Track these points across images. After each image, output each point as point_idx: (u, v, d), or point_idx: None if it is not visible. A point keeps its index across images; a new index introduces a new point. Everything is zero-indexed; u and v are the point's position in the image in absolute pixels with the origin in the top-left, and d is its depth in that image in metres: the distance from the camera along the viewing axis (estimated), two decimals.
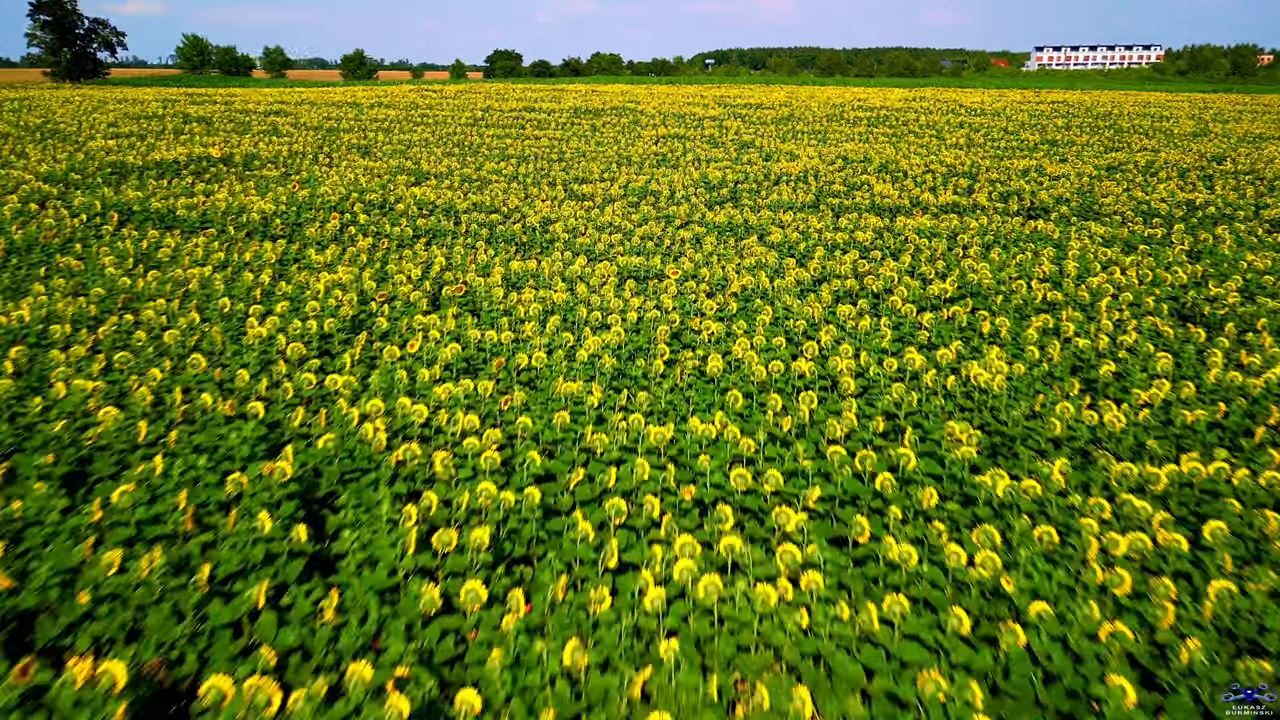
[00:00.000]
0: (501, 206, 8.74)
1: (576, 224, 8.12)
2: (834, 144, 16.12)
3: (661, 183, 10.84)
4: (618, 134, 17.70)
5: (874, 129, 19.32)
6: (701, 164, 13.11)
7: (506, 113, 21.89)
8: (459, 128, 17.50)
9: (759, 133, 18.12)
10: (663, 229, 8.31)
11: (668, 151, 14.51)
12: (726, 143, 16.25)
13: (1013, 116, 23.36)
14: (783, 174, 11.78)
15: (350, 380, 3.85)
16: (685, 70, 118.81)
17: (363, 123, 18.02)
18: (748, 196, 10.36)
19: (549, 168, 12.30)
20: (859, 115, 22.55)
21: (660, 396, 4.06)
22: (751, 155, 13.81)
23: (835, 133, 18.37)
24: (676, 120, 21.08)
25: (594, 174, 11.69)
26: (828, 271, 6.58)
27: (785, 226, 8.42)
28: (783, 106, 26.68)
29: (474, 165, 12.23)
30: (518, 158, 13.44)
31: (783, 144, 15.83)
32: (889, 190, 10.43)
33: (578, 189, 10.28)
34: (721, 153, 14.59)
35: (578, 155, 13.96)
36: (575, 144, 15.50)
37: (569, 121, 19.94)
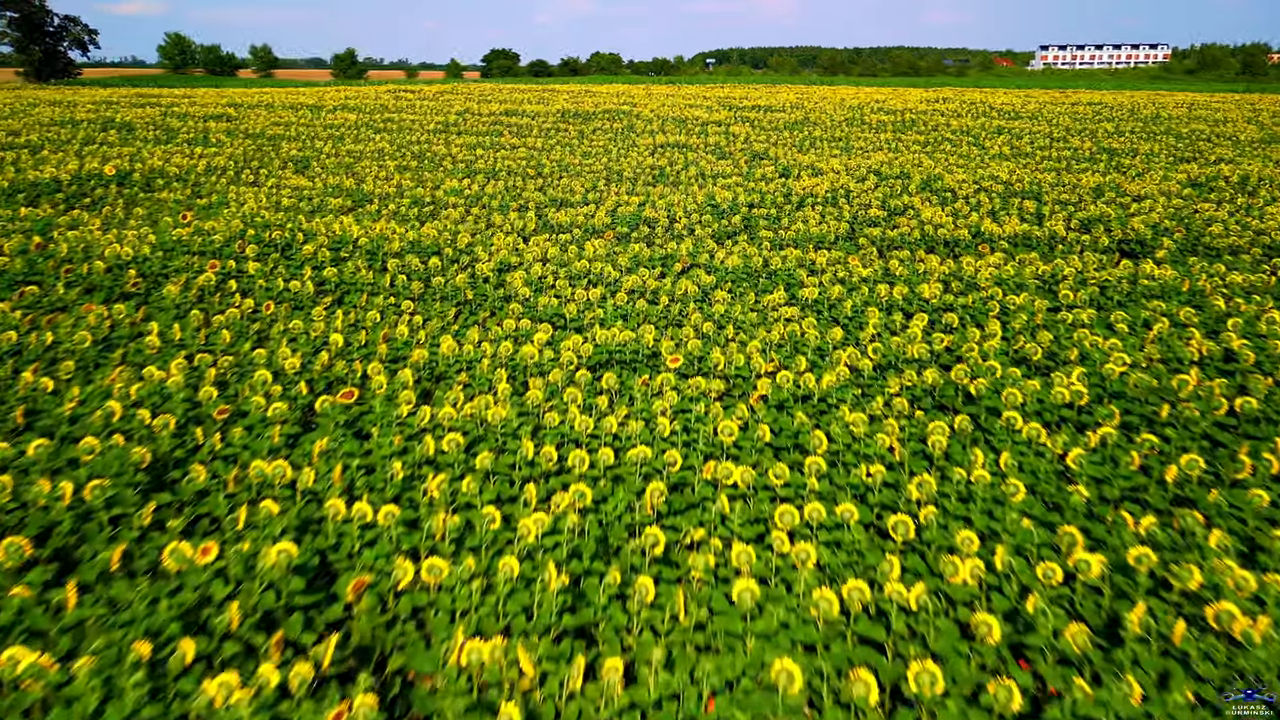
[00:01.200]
0: (448, 246, 6.93)
1: (544, 271, 6.32)
2: (860, 154, 14.35)
3: (658, 207, 9.05)
4: (609, 142, 15.96)
5: (901, 135, 17.58)
6: (707, 181, 11.35)
7: (484, 117, 20.13)
8: (425, 135, 15.73)
9: (771, 140, 16.37)
10: (659, 275, 6.51)
11: (666, 164, 12.75)
12: (735, 153, 14.49)
13: (1052, 119, 21.64)
14: (806, 194, 10.00)
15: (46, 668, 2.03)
16: (686, 70, 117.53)
17: (315, 129, 16.24)
18: (766, 225, 8.57)
19: (522, 186, 10.53)
20: (881, 119, 20.82)
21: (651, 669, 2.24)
22: (766, 169, 12.04)
23: (859, 140, 16.63)
24: (677, 125, 19.34)
25: (576, 195, 9.91)
26: (893, 353, 4.77)
27: (819, 272, 6.63)
28: (794, 109, 24.97)
29: (431, 184, 10.45)
30: (486, 173, 11.66)
31: (801, 154, 14.06)
32: (939, 216, 8.65)
33: (553, 216, 8.48)
34: (730, 165, 12.82)
35: (559, 170, 12.20)
36: (558, 155, 13.74)
37: (554, 127, 18.20)
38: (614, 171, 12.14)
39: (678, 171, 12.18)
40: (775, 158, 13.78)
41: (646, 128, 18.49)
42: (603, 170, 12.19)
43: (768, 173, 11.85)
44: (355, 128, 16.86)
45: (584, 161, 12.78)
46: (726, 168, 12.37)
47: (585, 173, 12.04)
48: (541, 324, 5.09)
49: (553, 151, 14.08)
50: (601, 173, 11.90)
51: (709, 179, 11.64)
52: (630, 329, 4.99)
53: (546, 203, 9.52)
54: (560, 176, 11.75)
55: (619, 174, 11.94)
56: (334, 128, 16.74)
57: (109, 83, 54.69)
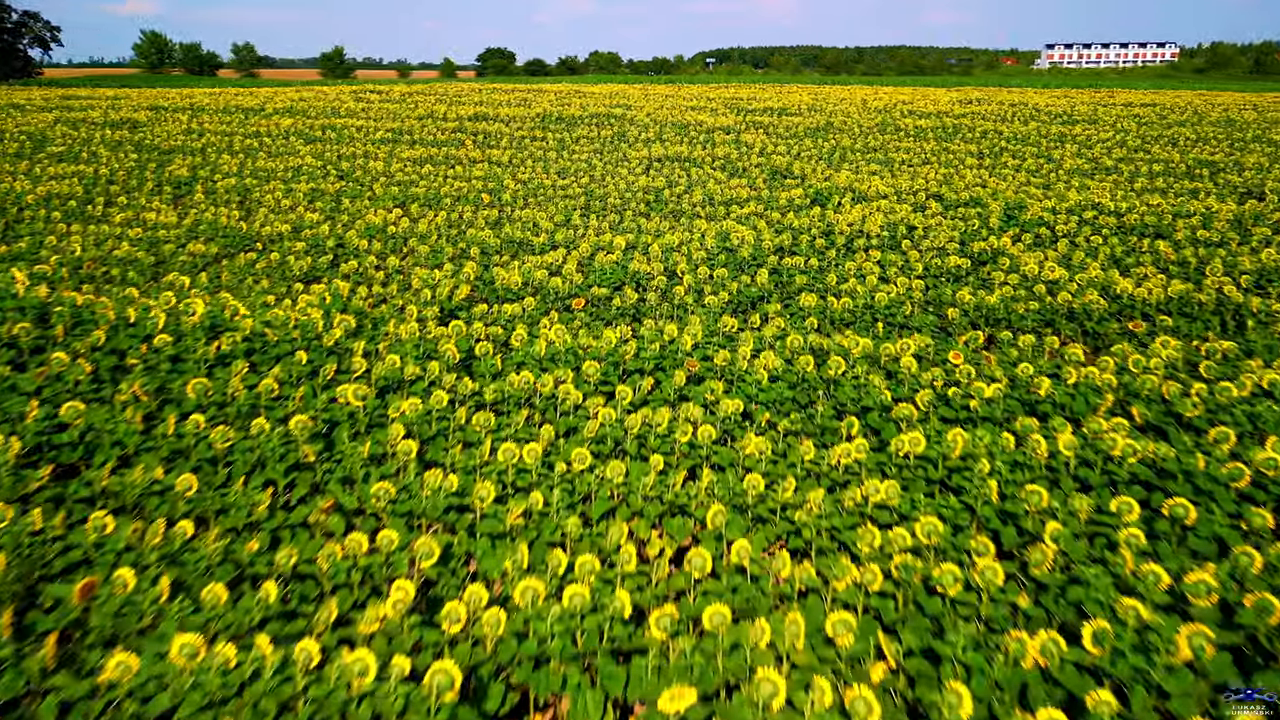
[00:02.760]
0: (310, 339, 4.52)
1: (457, 393, 3.93)
2: (906, 170, 12.01)
3: (652, 253, 6.69)
4: (594, 155, 13.62)
5: (947, 144, 15.25)
6: (717, 209, 9.00)
7: (450, 122, 17.80)
8: (368, 147, 13.39)
9: (793, 151, 14.04)
10: (650, 391, 4.14)
11: (665, 185, 10.40)
12: (750, 169, 12.15)
13: (1114, 124, 19.34)
14: (854, 232, 7.64)
15: None
16: (686, 69, 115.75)
17: (233, 139, 13.89)
18: (806, 283, 6.20)
19: (470, 220, 8.17)
20: (918, 125, 18.51)
21: None
22: (793, 192, 9.69)
23: (898, 150, 14.30)
24: (678, 132, 17.02)
25: (540, 234, 7.55)
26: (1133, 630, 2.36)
27: (903, 379, 4.24)
28: (812, 111, 22.68)
29: (346, 218, 8.09)
30: (426, 201, 9.31)
31: (834, 172, 11.71)
32: (1047, 265, 6.31)
33: (501, 276, 6.09)
34: (745, 187, 10.47)
35: (525, 194, 9.86)
36: (528, 172, 11.39)
37: (530, 135, 15.87)
38: (596, 196, 9.78)
39: (678, 196, 9.83)
40: (802, 175, 11.44)
41: (641, 135, 16.17)
42: (581, 194, 9.84)
43: (795, 198, 9.50)
44: (285, 136, 14.50)
45: (559, 182, 10.44)
46: (741, 190, 10.02)
47: (558, 198, 9.69)
48: (429, 534, 2.70)
49: (521, 168, 11.73)
50: (579, 198, 9.55)
51: (719, 207, 9.29)
52: (594, 537, 2.59)
53: (498, 247, 7.15)
54: (525, 204, 9.39)
55: (603, 199, 9.59)
56: (259, 136, 14.36)
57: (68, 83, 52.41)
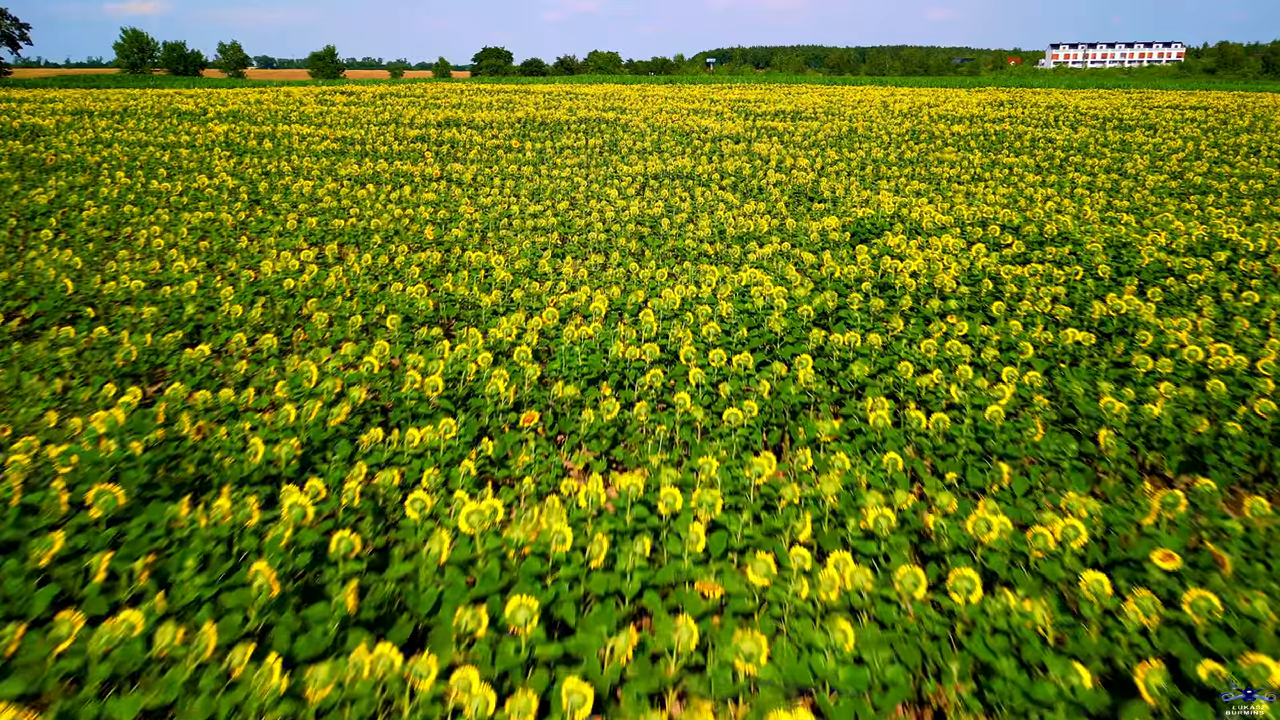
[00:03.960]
0: None
1: None
2: (958, 189, 10.13)
3: (643, 323, 4.78)
4: (578, 171, 11.76)
5: (996, 156, 13.37)
6: (730, 248, 7.10)
7: (415, 128, 15.92)
8: (306, 161, 11.51)
9: (816, 164, 12.17)
10: (633, 659, 2.22)
11: (661, 213, 8.52)
12: (768, 189, 10.27)
13: (1173, 129, 17.50)
14: (921, 286, 5.74)
15: None
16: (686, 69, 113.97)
17: (143, 151, 11.99)
18: (868, 376, 4.28)
19: (401, 266, 6.28)
20: (955, 131, 16.66)
21: None
22: (826, 222, 7.80)
23: (940, 163, 12.43)
24: (679, 141, 15.16)
25: (492, 290, 5.65)
26: None
27: (1087, 616, 2.31)
28: (829, 116, 20.84)
29: (236, 263, 6.19)
30: (353, 237, 7.42)
31: (875, 194, 9.84)
32: (1215, 345, 4.42)
33: (420, 361, 4.18)
34: (765, 214, 8.60)
35: (485, 224, 7.98)
36: (493, 194, 9.52)
37: (505, 145, 14.00)
38: (575, 229, 7.90)
39: (680, 226, 7.95)
40: (833, 197, 9.56)
41: (636, 145, 14.30)
42: (557, 225, 7.96)
43: (830, 229, 7.63)
44: (210, 147, 12.58)
45: (530, 209, 8.56)
46: (760, 219, 8.14)
47: (527, 231, 7.80)
48: None
49: (486, 188, 9.84)
50: (553, 232, 7.66)
51: (733, 244, 7.41)
52: None
53: (425, 316, 5.25)
54: (482, 239, 7.49)
55: (584, 233, 7.70)
56: (175, 148, 12.44)
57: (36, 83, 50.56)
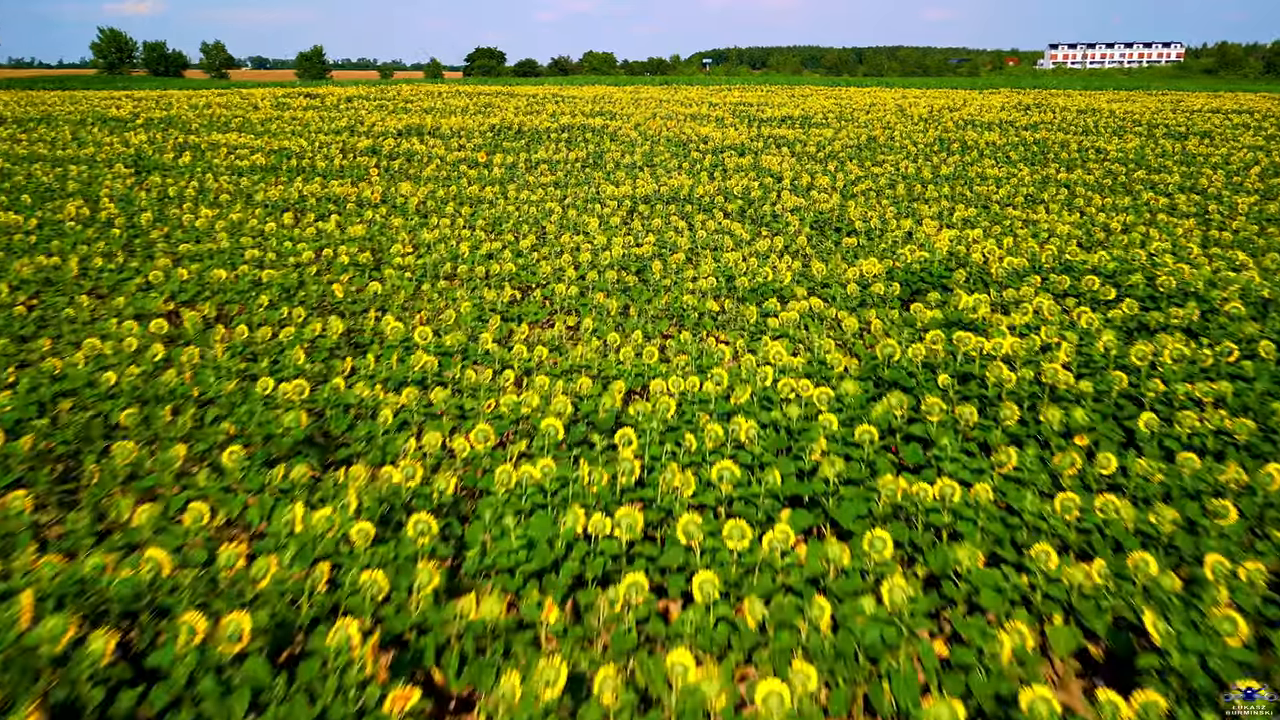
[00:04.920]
0: None
1: None
2: (1015, 216, 8.44)
3: (624, 463, 3.04)
4: (551, 194, 10.06)
5: (1045, 170, 11.69)
6: (742, 307, 5.35)
7: (371, 138, 14.16)
8: (221, 181, 9.75)
9: (837, 181, 10.48)
10: None
11: (652, 252, 6.79)
12: (784, 215, 8.55)
13: (1232, 137, 15.86)
14: (1022, 378, 4.00)
15: None
16: (683, 70, 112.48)
17: (8, 169, 10.20)
18: (975, 565, 2.48)
19: (285, 350, 4.54)
20: (989, 140, 14.98)
21: None
22: (863, 266, 6.08)
23: (982, 180, 10.75)
24: (675, 152, 13.46)
25: (406, 381, 3.91)
26: None
27: None
28: (841, 121, 19.18)
29: (50, 339, 4.45)
30: (238, 294, 5.65)
31: (918, 223, 8.13)
32: None
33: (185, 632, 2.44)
34: (784, 254, 6.88)
35: (419, 273, 6.24)
36: (446, 223, 7.78)
37: (471, 159, 12.27)
38: (539, 277, 6.17)
39: (676, 272, 6.22)
40: (866, 226, 7.86)
41: (626, 157, 12.60)
42: (516, 272, 6.23)
43: (870, 276, 5.92)
44: (109, 164, 10.77)
45: (484, 248, 6.84)
46: (779, 262, 6.41)
47: (474, 280, 6.06)
48: None
49: (434, 219, 8.09)
50: (508, 282, 5.93)
51: (746, 301, 5.68)
52: None
53: (292, 440, 3.51)
54: (409, 299, 5.73)
55: (548, 282, 5.96)
56: (64, 164, 10.62)
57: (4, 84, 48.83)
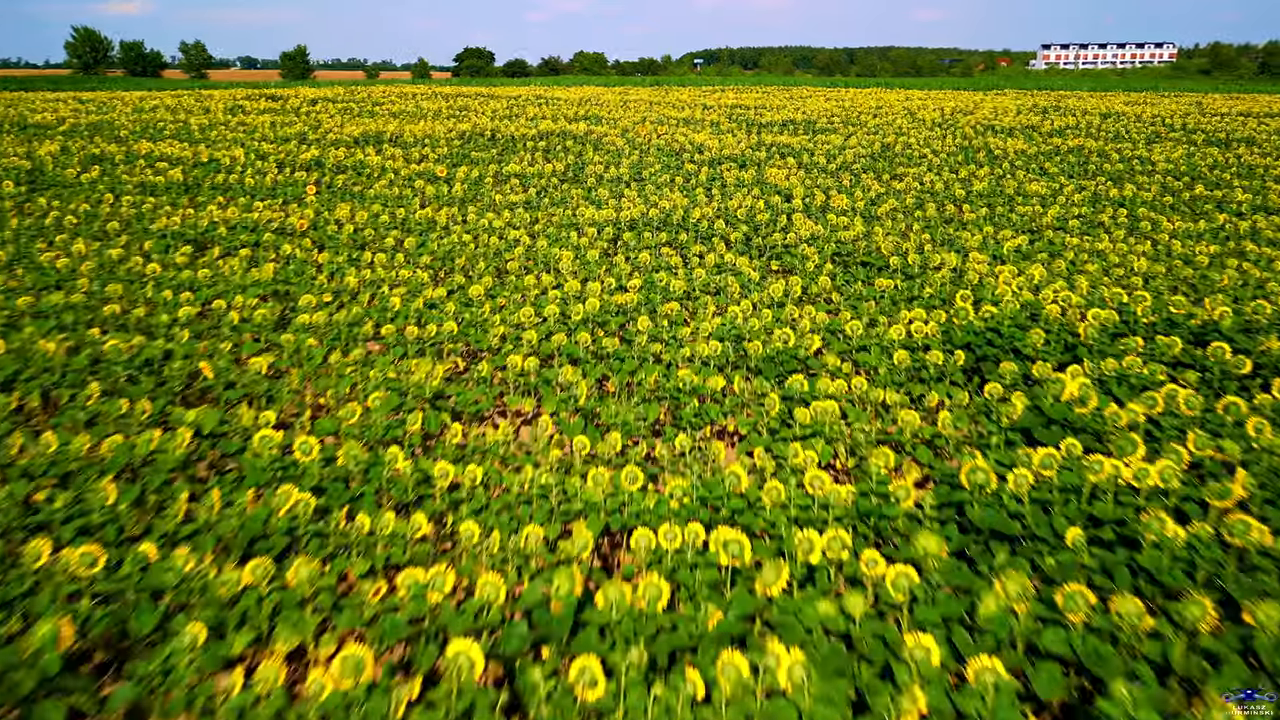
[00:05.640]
0: None
1: None
2: (1076, 247, 7.10)
3: None
4: (518, 217, 8.69)
5: (1085, 182, 10.36)
6: (753, 373, 3.96)
7: (320, 147, 12.71)
8: (122, 203, 8.30)
9: (856, 201, 9.13)
10: None
11: (639, 301, 5.39)
12: (798, 247, 7.16)
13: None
14: (1198, 534, 2.63)
15: None
16: (674, 70, 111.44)
17: None
18: None
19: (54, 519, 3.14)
20: (1018, 149, 13.66)
21: None
22: (906, 317, 4.72)
23: (1024, 199, 9.42)
24: (666, 163, 12.10)
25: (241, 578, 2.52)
26: None
27: None
28: (848, 126, 17.87)
29: None
30: (60, 370, 4.24)
31: (961, 255, 6.76)
32: None
33: None
34: (806, 304, 5.52)
35: (334, 339, 4.83)
36: (385, 258, 6.37)
37: (431, 174, 10.86)
38: (483, 349, 4.76)
39: (669, 329, 4.84)
40: (902, 262, 6.48)
41: (611, 170, 11.22)
42: (458, 333, 4.83)
43: (920, 338, 4.56)
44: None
45: (421, 296, 5.44)
46: (800, 315, 5.04)
47: (407, 344, 4.65)
48: None
49: (370, 252, 6.67)
50: (446, 351, 4.53)
51: (760, 374, 4.28)
52: None
53: None
54: (303, 382, 4.30)
55: (500, 351, 4.56)
56: None
57: None
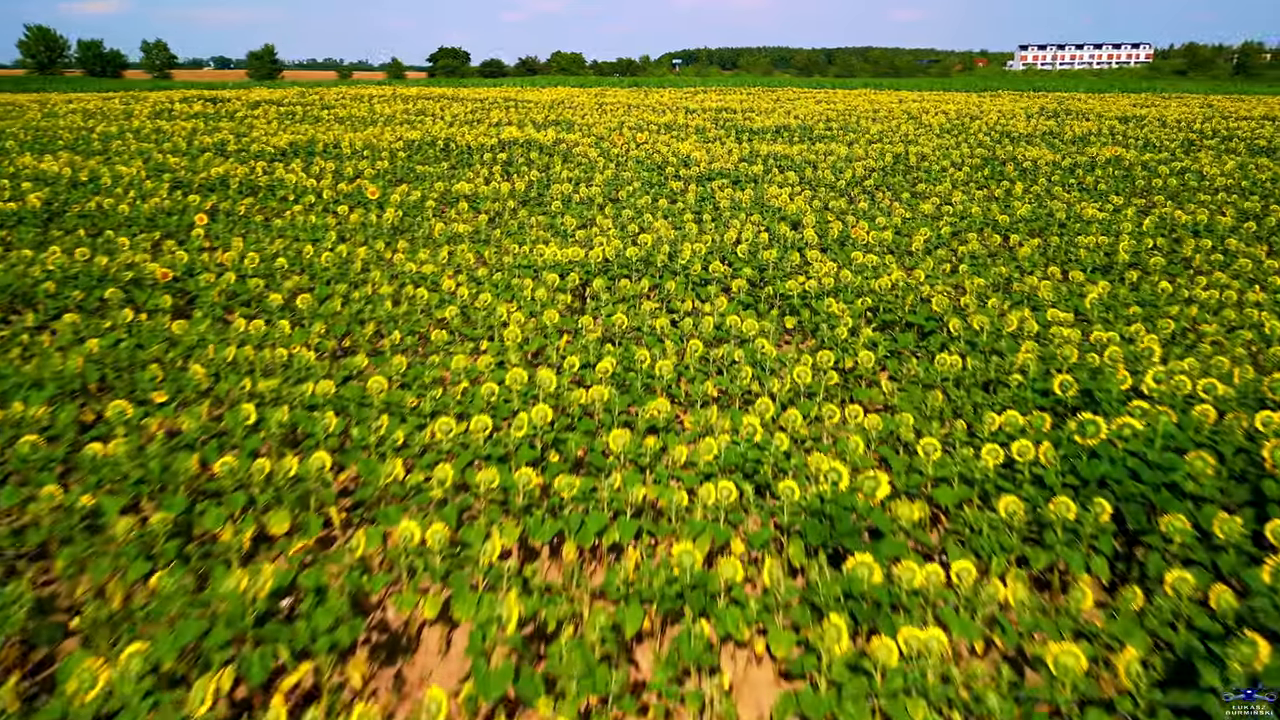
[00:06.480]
0: None
1: None
2: (1180, 308, 5.57)
3: None
4: (459, 258, 7.06)
5: (1152, 207, 8.86)
6: (784, 533, 2.35)
7: (240, 158, 10.97)
8: None
9: (884, 232, 7.57)
10: None
11: (607, 399, 3.78)
12: (818, 303, 5.53)
13: None
14: None
15: None
16: (653, 70, 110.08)
17: None
18: None
19: None
20: (1050, 160, 12.18)
21: None
22: (993, 422, 3.15)
23: (1082, 228, 7.89)
24: (647, 180, 10.48)
25: None
26: None
27: None
28: (847, 132, 16.36)
29: None
30: None
31: (1049, 322, 5.17)
32: None
33: None
34: (839, 392, 3.94)
35: (98, 526, 3.18)
36: (253, 334, 4.70)
37: (358, 198, 9.17)
38: (376, 491, 3.12)
39: (652, 457, 3.23)
40: (965, 329, 4.86)
41: (580, 189, 9.58)
42: (327, 478, 3.18)
43: (1022, 459, 2.97)
44: None
45: (267, 412, 3.80)
46: (837, 411, 3.45)
47: (228, 518, 2.99)
48: None
49: (235, 325, 5.00)
50: (299, 510, 2.91)
51: (812, 563, 2.67)
52: None
53: None
54: None
55: (376, 518, 2.94)
56: None
57: None
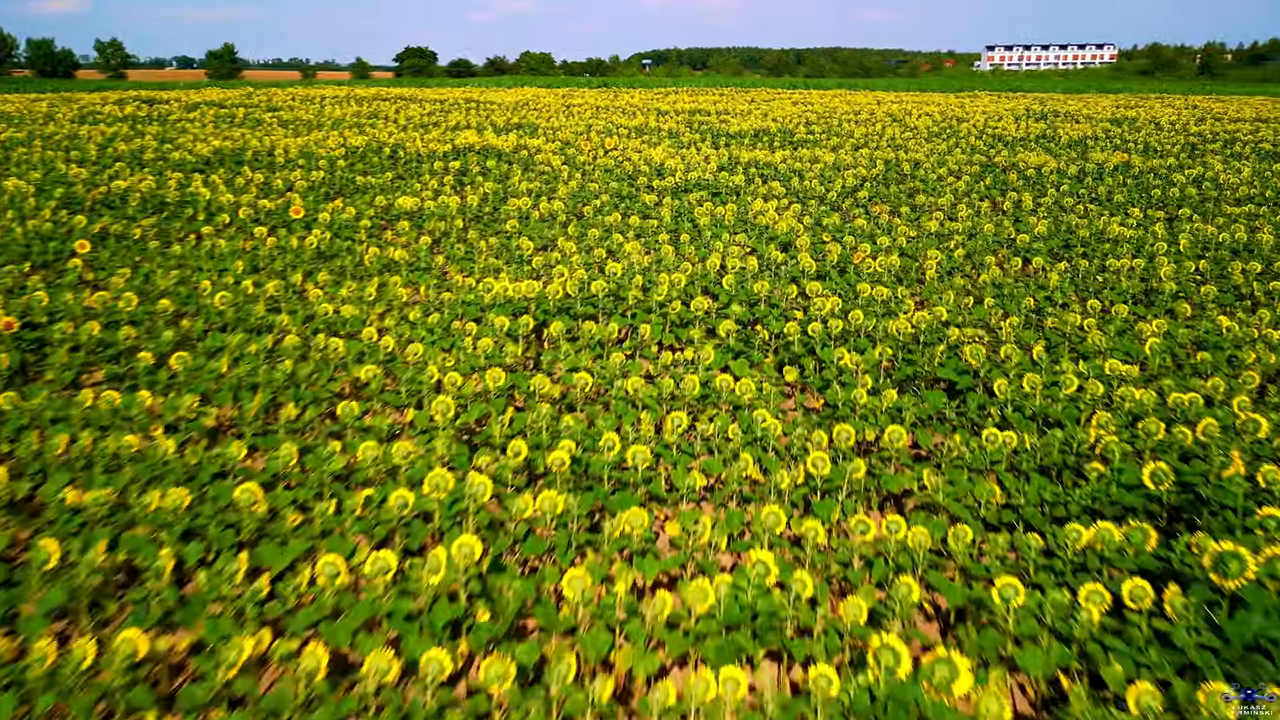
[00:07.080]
0: None
1: None
2: (1244, 353, 4.79)
3: None
4: (386, 298, 6.13)
5: (1164, 213, 8.13)
6: None
7: (158, 172, 9.86)
8: None
9: (890, 259, 6.76)
10: None
11: (563, 499, 2.88)
12: (831, 349, 4.69)
13: None
14: None
15: None
16: (623, 71, 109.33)
17: None
18: None
19: None
20: (1053, 168, 11.46)
21: None
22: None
23: (1100, 238, 7.13)
24: (616, 194, 9.57)
25: None
26: None
27: None
28: (829, 136, 15.61)
29: None
30: None
31: (1109, 377, 4.34)
32: None
33: None
34: (889, 458, 3.08)
35: None
36: (106, 412, 3.73)
37: (283, 217, 8.17)
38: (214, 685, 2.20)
39: (625, 620, 2.34)
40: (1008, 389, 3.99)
41: (541, 204, 8.65)
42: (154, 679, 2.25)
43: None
44: None
45: (99, 555, 2.85)
46: (861, 510, 2.59)
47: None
48: None
49: (80, 399, 4.01)
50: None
51: None
52: None
53: None
54: None
55: None
56: None
57: None
